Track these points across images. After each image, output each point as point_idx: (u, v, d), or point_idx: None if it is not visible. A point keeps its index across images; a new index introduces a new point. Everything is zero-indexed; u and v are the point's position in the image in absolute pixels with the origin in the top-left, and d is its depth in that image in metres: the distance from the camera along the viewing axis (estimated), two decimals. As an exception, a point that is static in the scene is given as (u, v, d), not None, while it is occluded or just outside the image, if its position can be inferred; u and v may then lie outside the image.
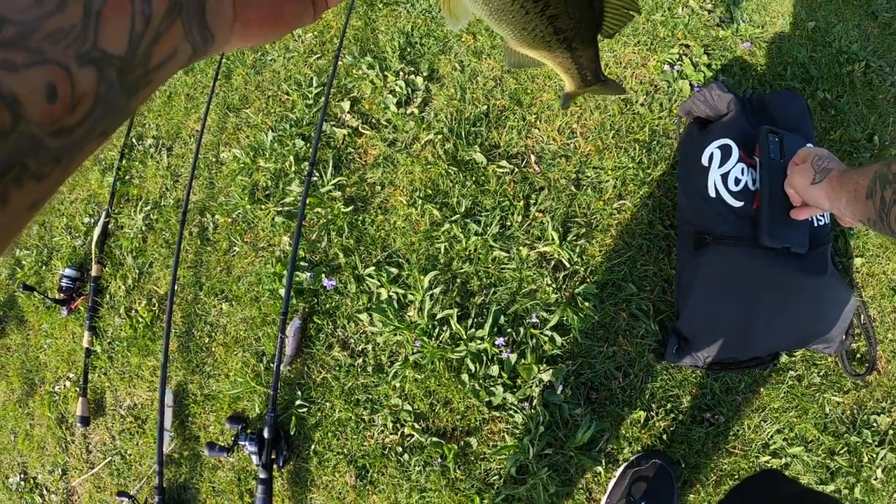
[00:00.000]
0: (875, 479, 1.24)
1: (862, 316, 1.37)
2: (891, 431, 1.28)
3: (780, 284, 1.22)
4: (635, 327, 1.28)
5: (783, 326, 1.26)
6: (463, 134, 1.33)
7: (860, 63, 1.67)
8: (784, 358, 1.33)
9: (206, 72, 1.65)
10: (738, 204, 1.26)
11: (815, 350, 1.32)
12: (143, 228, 1.63)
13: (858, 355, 1.37)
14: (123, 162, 1.72)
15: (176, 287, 1.48)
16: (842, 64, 1.61)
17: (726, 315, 1.25)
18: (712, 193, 1.26)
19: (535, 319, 1.25)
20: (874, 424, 1.28)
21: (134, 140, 1.74)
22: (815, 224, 1.27)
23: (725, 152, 1.27)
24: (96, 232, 1.69)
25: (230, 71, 1.62)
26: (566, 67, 0.60)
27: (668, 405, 1.29)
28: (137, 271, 1.61)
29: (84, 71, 0.24)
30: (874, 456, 1.25)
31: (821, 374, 1.33)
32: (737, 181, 1.27)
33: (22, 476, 1.74)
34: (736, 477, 1.29)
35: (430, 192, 1.33)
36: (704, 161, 1.27)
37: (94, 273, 1.68)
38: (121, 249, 1.66)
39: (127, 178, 1.72)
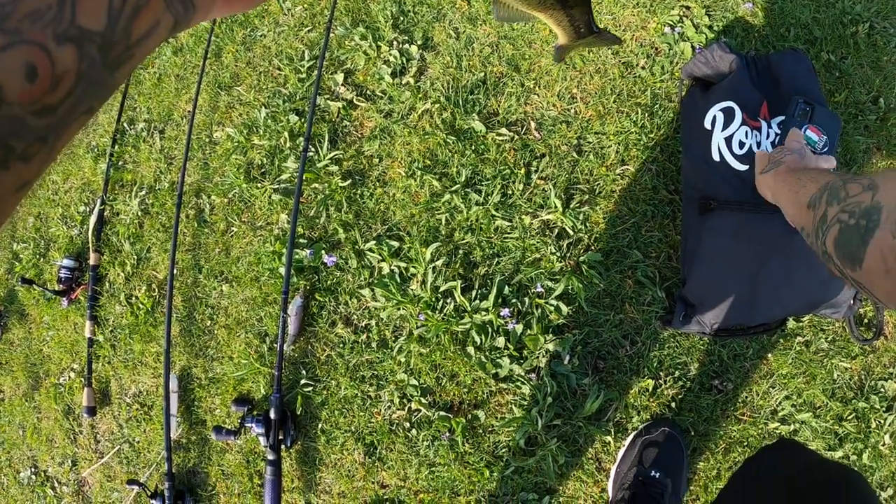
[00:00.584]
0: (883, 445, 1.23)
1: None
2: None
3: (787, 249, 1.20)
4: (641, 294, 1.26)
5: (791, 291, 1.23)
6: (460, 102, 1.30)
7: (864, 24, 1.63)
8: (791, 323, 1.31)
9: (196, 51, 1.62)
10: (742, 167, 1.23)
11: (822, 315, 1.30)
12: (139, 214, 1.61)
13: (866, 321, 1.35)
14: (116, 148, 1.70)
15: (175, 271, 1.46)
16: (846, 25, 1.57)
17: (733, 280, 1.23)
18: (716, 157, 1.23)
19: (539, 289, 1.23)
20: (882, 390, 1.27)
21: (125, 125, 1.71)
22: (824, 184, 1.24)
23: (728, 115, 1.24)
24: (92, 220, 1.67)
25: (220, 49, 1.58)
26: (557, 20, 0.57)
27: (676, 373, 1.28)
28: (136, 257, 1.59)
29: (63, 49, 0.24)
30: (882, 422, 1.24)
31: (828, 339, 1.32)
32: (741, 144, 1.24)
33: (33, 470, 1.74)
34: (745, 444, 1.28)
35: (428, 162, 1.30)
36: (707, 124, 1.23)
37: (92, 262, 1.67)
38: (118, 236, 1.64)
39: (120, 163, 1.69)
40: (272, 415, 1.29)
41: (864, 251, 0.53)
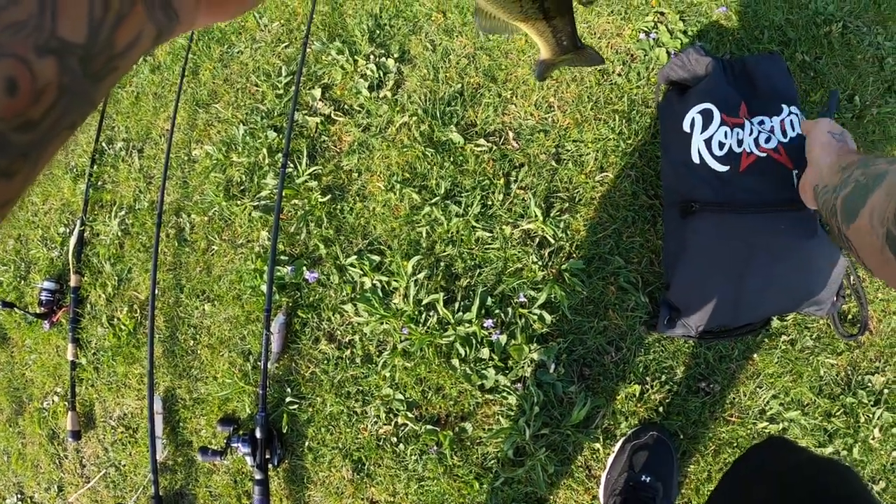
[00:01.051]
0: (872, 439, 1.24)
1: (851, 277, 1.36)
2: (885, 391, 1.27)
3: (769, 248, 1.20)
4: (625, 300, 1.26)
5: (774, 290, 1.24)
6: (438, 114, 1.30)
7: (837, 24, 1.65)
8: (776, 323, 1.32)
9: (173, 69, 1.61)
10: (723, 168, 1.23)
11: (806, 313, 1.30)
12: (120, 234, 1.59)
13: (850, 316, 1.36)
14: (95, 168, 1.68)
15: (156, 291, 1.44)
16: (819, 25, 1.59)
17: (716, 282, 1.23)
18: (696, 160, 1.24)
19: (522, 299, 1.23)
20: (869, 384, 1.27)
21: (104, 144, 1.70)
22: (802, 186, 1.25)
23: (707, 117, 1.24)
24: (72, 241, 1.66)
25: (197, 66, 1.57)
26: (540, 31, 0.56)
27: (663, 377, 1.28)
28: (116, 278, 1.58)
29: (44, 62, 0.24)
30: (870, 416, 1.24)
31: (813, 336, 1.32)
32: (720, 145, 1.24)
33: (19, 497, 1.71)
34: (735, 445, 1.28)
35: (407, 175, 1.30)
36: (686, 127, 1.24)
37: (73, 284, 1.65)
38: (98, 257, 1.62)
39: (99, 183, 1.68)
40: (258, 434, 1.28)
41: (861, 209, 0.56)
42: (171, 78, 1.62)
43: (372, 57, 1.38)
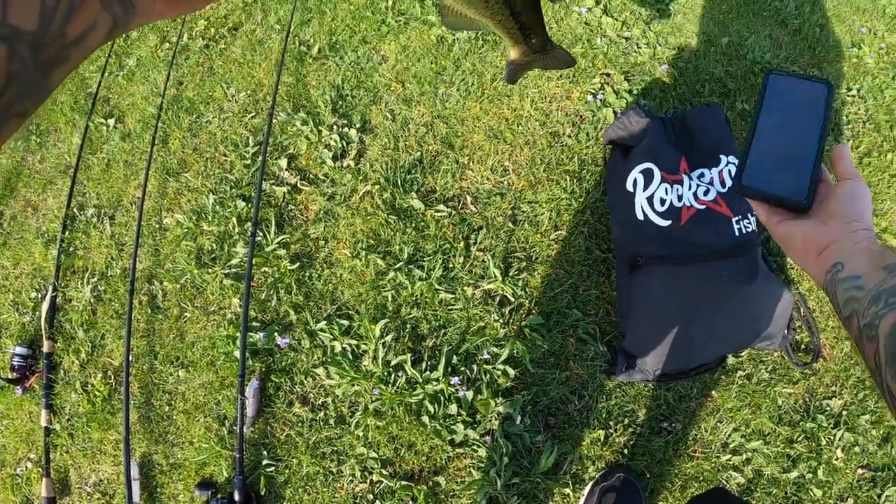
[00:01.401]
0: (836, 459, 1.30)
1: (802, 309, 1.45)
2: (844, 412, 1.34)
3: (711, 297, 1.28)
4: (584, 351, 1.33)
5: (723, 333, 1.32)
6: (399, 182, 1.37)
7: (773, 71, 1.75)
8: (731, 360, 1.39)
9: (143, 137, 1.65)
10: (665, 223, 1.32)
11: (759, 348, 1.38)
12: (92, 301, 1.61)
13: (803, 346, 1.44)
14: (66, 234, 1.70)
15: (131, 357, 1.46)
16: (756, 74, 1.70)
17: (668, 330, 1.30)
18: (640, 216, 1.32)
19: (486, 355, 1.29)
20: (827, 408, 1.34)
21: (75, 210, 1.72)
22: (743, 232, 1.34)
23: (648, 176, 1.33)
24: (44, 307, 1.66)
25: (167, 135, 1.61)
26: (507, 27, 0.53)
27: (626, 420, 1.34)
28: (90, 344, 1.59)
29: None
30: (832, 438, 1.31)
31: (769, 369, 1.40)
32: (662, 201, 1.33)
33: (-9, 565, 1.69)
34: (700, 479, 1.34)
35: (372, 242, 1.35)
36: (629, 187, 1.33)
37: (45, 349, 1.65)
38: (71, 323, 1.63)
39: (71, 249, 1.70)
40: (236, 497, 1.30)
41: None
42: (141, 146, 1.66)
43: (335, 127, 1.45)
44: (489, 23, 0.52)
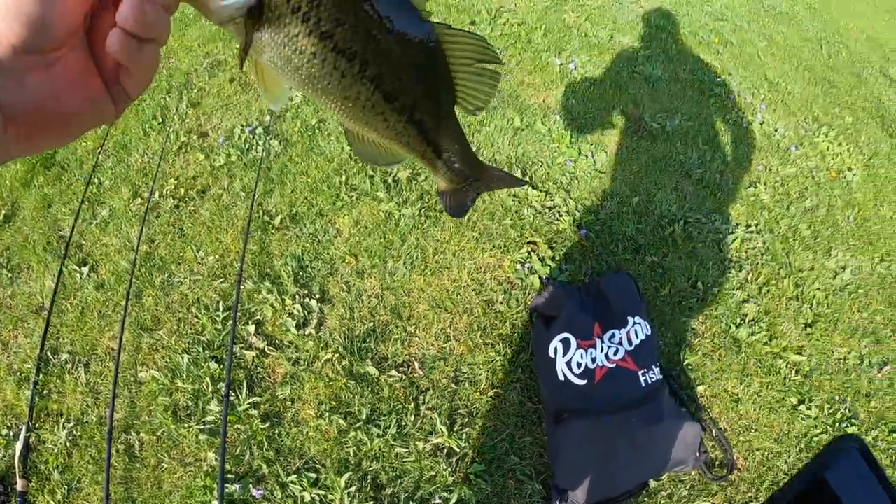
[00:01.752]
0: None
1: (713, 430, 1.75)
2: None
3: (628, 438, 1.57)
4: (523, 490, 1.58)
5: (640, 465, 1.61)
6: (356, 350, 1.59)
7: (679, 222, 2.08)
8: (653, 483, 1.66)
9: (117, 289, 1.79)
10: (582, 382, 1.60)
11: (676, 471, 1.67)
12: (68, 445, 1.73)
13: (717, 462, 1.72)
14: (40, 376, 1.81)
15: (109, 503, 1.60)
16: (664, 227, 2.02)
17: (591, 468, 1.58)
18: (561, 378, 1.60)
19: (438, 500, 1.52)
20: None
21: (49, 353, 1.83)
22: (649, 382, 1.64)
23: (566, 344, 1.61)
24: (18, 446, 1.76)
25: (140, 291, 1.76)
26: (418, 150, 0.47)
27: (558, 544, 1.59)
28: (66, 487, 1.71)
29: None
30: None
31: (687, 487, 1.68)
32: (578, 365, 1.61)
33: None
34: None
35: (334, 404, 1.56)
36: (551, 353, 1.60)
37: (19, 488, 1.75)
38: (46, 465, 1.74)
39: (45, 392, 1.80)
40: None
41: None
42: (115, 298, 1.80)
43: (297, 297, 1.65)
44: (399, 148, 0.46)
